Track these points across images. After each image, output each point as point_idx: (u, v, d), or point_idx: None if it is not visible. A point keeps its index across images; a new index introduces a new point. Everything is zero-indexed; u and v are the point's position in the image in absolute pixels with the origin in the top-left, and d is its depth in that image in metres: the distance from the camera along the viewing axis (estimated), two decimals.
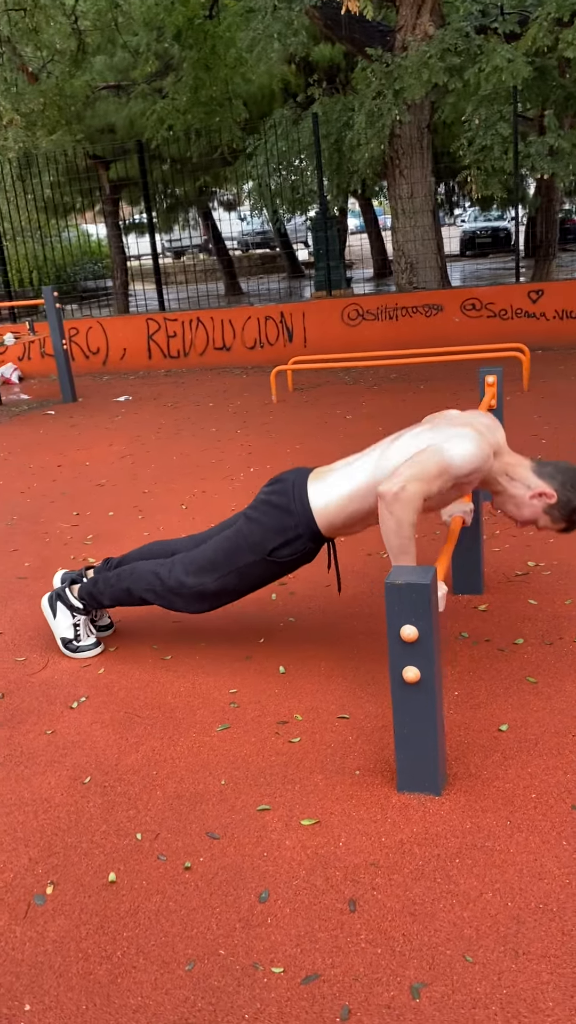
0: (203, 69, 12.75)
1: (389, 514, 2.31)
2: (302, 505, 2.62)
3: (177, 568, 2.81)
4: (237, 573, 2.72)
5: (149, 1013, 1.63)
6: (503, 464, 2.52)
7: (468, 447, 2.39)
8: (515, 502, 2.53)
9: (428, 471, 2.33)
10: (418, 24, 9.42)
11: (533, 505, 2.50)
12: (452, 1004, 1.58)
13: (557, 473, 2.49)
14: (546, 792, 2.13)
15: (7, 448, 6.59)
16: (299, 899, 1.87)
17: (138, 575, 2.88)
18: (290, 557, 2.67)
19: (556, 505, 2.48)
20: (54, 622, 3.05)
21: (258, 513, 2.69)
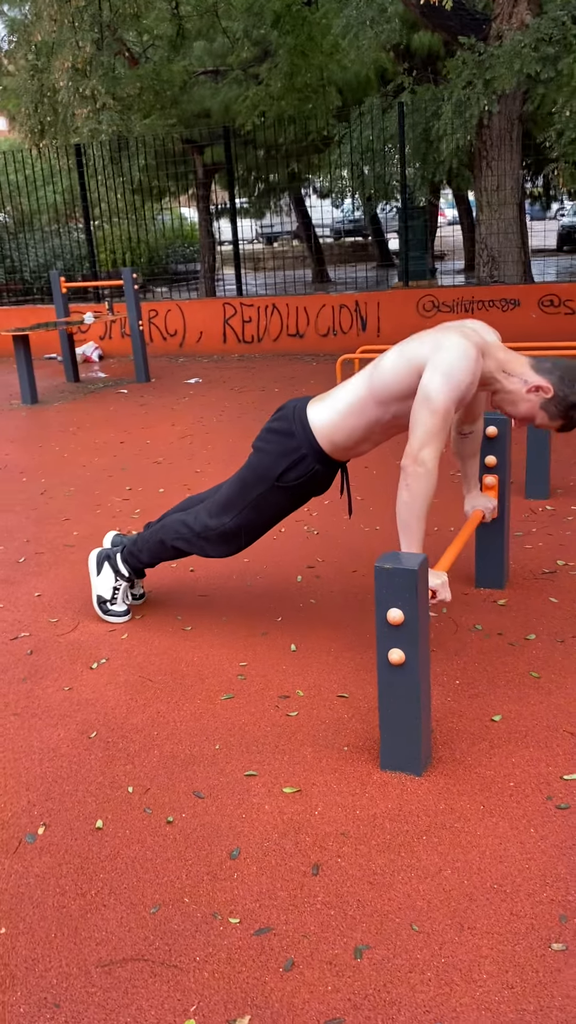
0: (299, 56, 12.81)
1: (405, 487, 2.39)
2: (303, 426, 2.67)
3: (202, 513, 2.91)
4: (253, 506, 2.79)
5: (110, 946, 1.75)
6: (498, 361, 2.52)
7: (453, 363, 2.37)
8: (511, 398, 2.53)
9: (432, 427, 2.38)
10: (514, 13, 9.27)
11: (530, 400, 2.50)
12: (390, 967, 1.66)
13: (555, 368, 2.48)
14: (524, 782, 2.17)
15: (77, 423, 6.83)
16: (267, 859, 1.96)
17: (168, 526, 3.00)
18: (298, 480, 2.71)
19: (553, 400, 2.47)
20: (96, 579, 3.19)
21: (263, 442, 2.76)
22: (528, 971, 1.63)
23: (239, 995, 1.62)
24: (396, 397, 2.51)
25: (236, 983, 1.65)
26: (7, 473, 5.41)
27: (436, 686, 2.63)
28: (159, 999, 1.63)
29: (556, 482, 4.49)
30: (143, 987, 1.65)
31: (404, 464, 2.42)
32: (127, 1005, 1.62)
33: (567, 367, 2.48)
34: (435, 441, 2.37)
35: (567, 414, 2.48)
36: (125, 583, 3.18)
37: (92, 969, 1.70)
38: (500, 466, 3.09)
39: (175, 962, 1.71)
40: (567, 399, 2.46)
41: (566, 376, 2.45)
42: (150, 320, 10.10)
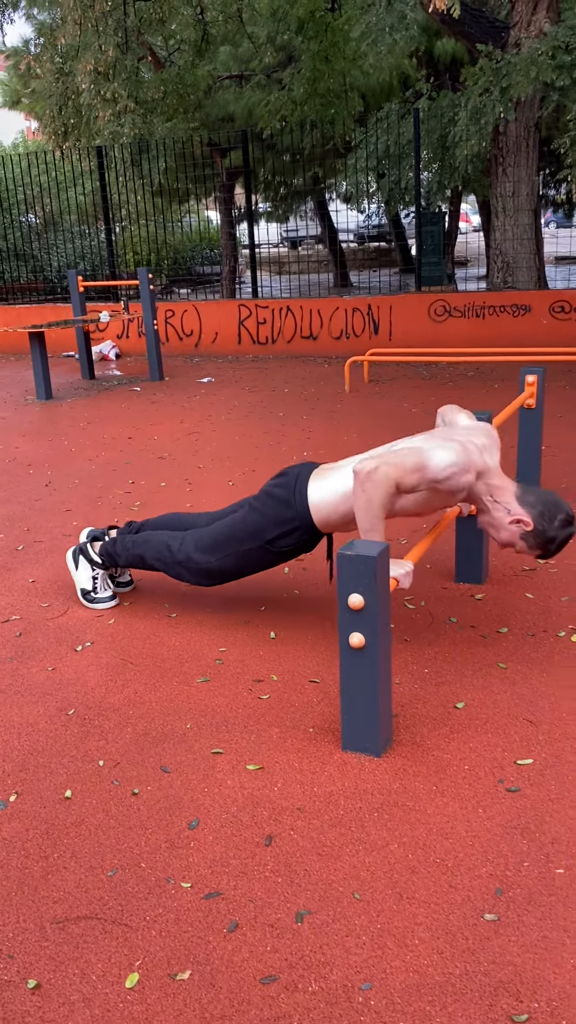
0: (322, 61, 12.92)
1: (361, 491, 2.46)
2: (301, 500, 2.79)
3: (188, 543, 3.02)
4: (237, 556, 2.93)
5: (66, 905, 1.85)
6: (488, 486, 2.61)
7: (448, 456, 2.51)
8: (495, 524, 2.62)
9: (403, 462, 2.48)
10: (533, 21, 9.32)
11: (511, 530, 2.58)
12: (328, 930, 1.74)
13: (537, 503, 2.56)
14: (479, 765, 2.24)
15: (88, 419, 6.97)
16: (223, 830, 2.05)
17: (152, 544, 3.11)
18: (287, 547, 2.87)
19: (531, 533, 2.55)
20: (76, 574, 3.32)
21: (261, 504, 2.88)
22: (459, 938, 1.70)
23: (182, 952, 1.71)
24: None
25: (181, 941, 1.73)
26: (15, 465, 5.54)
27: (405, 674, 2.71)
28: (107, 954, 1.71)
29: (547, 483, 4.54)
30: (93, 942, 1.74)
31: (358, 470, 2.48)
32: (76, 958, 1.71)
33: (548, 502, 2.55)
34: (398, 472, 2.47)
35: (544, 547, 2.56)
36: (102, 571, 3.28)
37: (47, 925, 1.80)
38: None
39: (126, 921, 1.79)
40: (544, 534, 2.53)
41: (546, 512, 2.53)
42: (167, 320, 10.23)
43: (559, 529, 2.52)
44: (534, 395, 4.12)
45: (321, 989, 1.60)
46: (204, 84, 13.47)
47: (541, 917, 1.74)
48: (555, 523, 2.52)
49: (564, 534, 2.54)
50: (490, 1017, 1.53)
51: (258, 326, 9.85)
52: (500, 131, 9.47)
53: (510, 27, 9.53)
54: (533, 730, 2.38)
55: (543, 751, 2.29)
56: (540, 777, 2.18)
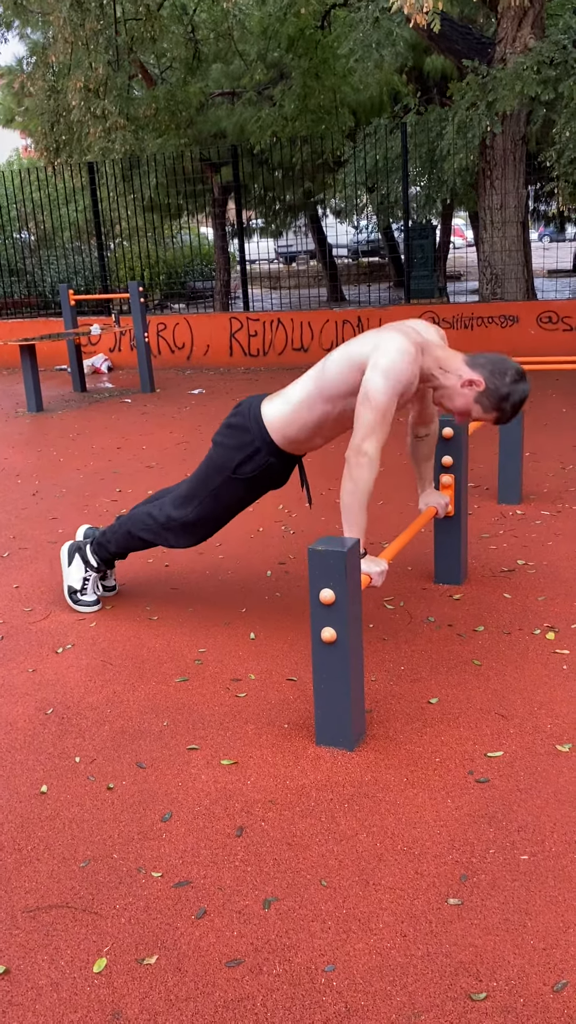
0: (313, 78, 13.07)
1: (348, 476, 2.51)
2: (257, 421, 2.81)
3: (166, 505, 3.05)
4: (212, 497, 2.92)
5: (38, 895, 1.87)
6: (436, 358, 2.63)
7: (391, 360, 2.49)
8: (448, 393, 2.65)
9: (373, 422, 2.51)
10: (518, 37, 9.45)
11: (464, 394, 2.61)
12: (295, 916, 1.76)
13: (487, 363, 2.60)
14: (449, 758, 2.27)
15: (77, 430, 7.01)
16: (196, 822, 2.08)
17: (135, 517, 3.14)
18: (253, 472, 2.85)
19: (485, 392, 2.59)
20: (67, 570, 3.33)
21: (220, 436, 2.90)
22: (422, 922, 1.73)
23: (151, 938, 1.73)
24: (342, 394, 2.64)
25: (149, 928, 1.76)
26: (3, 475, 5.58)
27: (381, 671, 2.74)
28: (76, 940, 1.74)
29: (529, 488, 4.59)
30: (63, 930, 1.77)
31: (348, 456, 2.54)
32: (45, 945, 1.73)
33: (497, 360, 2.59)
34: (376, 434, 2.50)
35: (499, 406, 2.60)
36: (95, 573, 3.31)
37: (18, 914, 1.82)
38: (456, 466, 3.20)
39: (96, 909, 1.82)
40: (498, 391, 2.57)
41: (496, 369, 2.57)
42: (159, 333, 10.30)
43: (512, 384, 2.56)
44: None
45: (285, 971, 1.63)
46: (196, 101, 13.61)
47: (504, 901, 1.77)
48: (506, 378, 2.56)
49: (518, 390, 2.57)
50: (449, 996, 1.55)
51: (249, 338, 9.93)
52: (487, 144, 9.58)
53: (496, 43, 9.65)
54: (504, 724, 2.41)
55: (513, 743, 2.32)
56: (510, 768, 2.21)
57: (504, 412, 2.61)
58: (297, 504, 4.57)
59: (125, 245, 15.46)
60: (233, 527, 4.26)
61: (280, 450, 2.81)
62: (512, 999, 1.54)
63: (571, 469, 4.96)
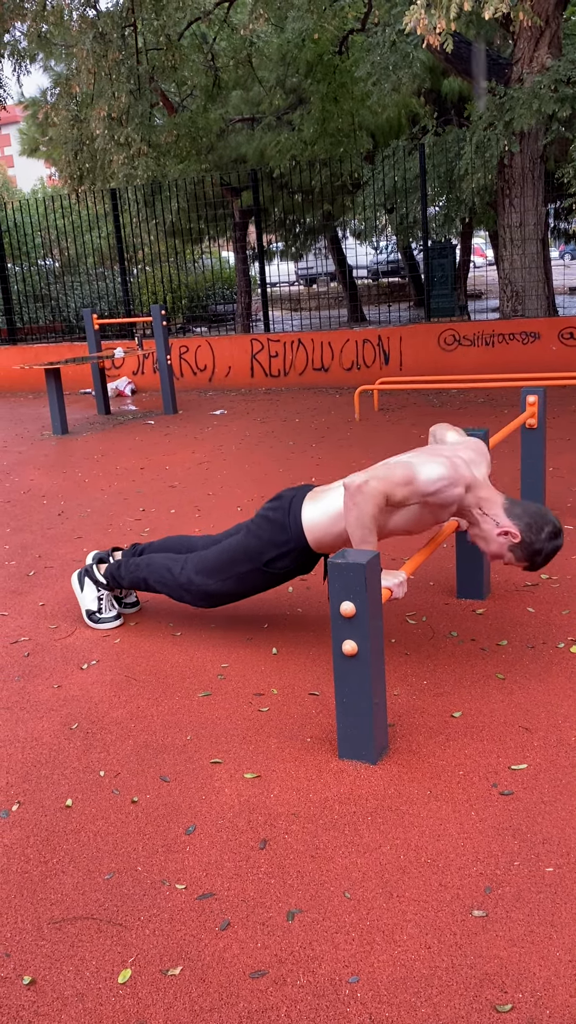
0: (331, 102, 13.23)
1: (352, 504, 2.51)
2: (295, 523, 2.85)
3: (188, 567, 3.09)
4: (236, 579, 2.99)
5: (63, 907, 1.88)
6: (477, 498, 2.65)
7: (436, 470, 2.57)
8: (484, 536, 2.67)
9: (393, 476, 2.53)
10: (535, 56, 9.51)
11: (499, 542, 2.62)
12: (318, 928, 1.76)
13: (524, 515, 2.60)
14: (473, 771, 2.26)
15: (102, 451, 7.09)
16: (219, 835, 2.08)
17: (154, 567, 3.18)
18: (283, 569, 2.93)
19: (519, 544, 2.59)
20: (81, 595, 3.38)
21: (257, 527, 2.95)
22: (447, 934, 1.72)
23: (175, 949, 1.74)
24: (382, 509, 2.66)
25: (173, 939, 1.77)
26: (30, 496, 5.65)
27: (403, 686, 2.74)
28: (101, 951, 1.75)
29: (552, 503, 4.57)
30: (88, 941, 1.78)
31: (348, 484, 2.53)
32: (71, 956, 1.74)
33: (535, 515, 2.59)
34: (388, 485, 2.52)
35: (531, 559, 2.61)
36: (107, 592, 3.35)
37: (44, 925, 1.83)
38: None
39: (120, 921, 1.83)
40: (532, 546, 2.58)
41: (533, 524, 2.57)
42: (181, 356, 10.40)
43: (546, 541, 2.56)
44: (535, 415, 4.17)
45: (309, 983, 1.63)
46: (216, 127, 13.81)
47: (529, 913, 1.76)
48: (542, 535, 2.56)
49: (551, 546, 2.57)
50: (474, 1007, 1.54)
51: (270, 359, 10.00)
52: (506, 163, 9.63)
53: (513, 63, 9.73)
54: (528, 737, 2.40)
55: (538, 756, 2.30)
56: (534, 781, 2.20)
57: (535, 564, 2.62)
58: None
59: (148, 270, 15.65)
60: None
61: (313, 552, 2.88)
62: (538, 1011, 1.52)
63: None
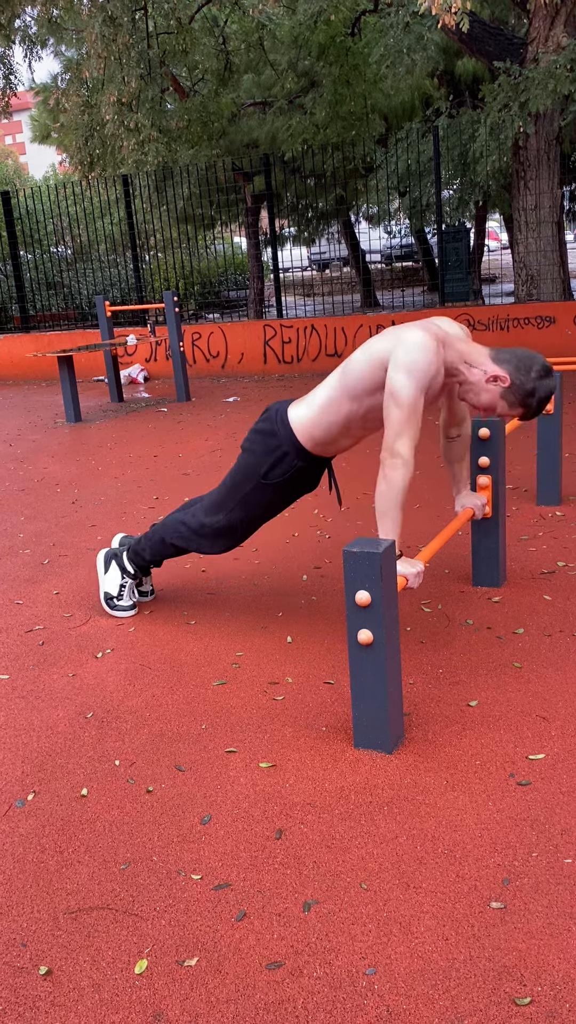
0: (343, 85, 13.11)
1: (383, 477, 2.51)
2: (284, 425, 2.81)
3: (198, 512, 3.06)
4: (242, 504, 2.93)
5: (79, 896, 1.88)
6: (459, 352, 2.61)
7: (413, 356, 2.48)
8: (474, 388, 2.62)
9: (402, 419, 2.49)
10: (551, 36, 9.37)
11: (489, 389, 2.59)
12: (335, 919, 1.75)
13: (512, 358, 2.57)
14: (490, 760, 2.24)
15: (115, 439, 7.08)
16: (235, 824, 2.07)
17: (168, 525, 3.16)
18: (282, 477, 2.85)
19: (510, 388, 2.55)
20: (104, 576, 3.36)
21: (249, 443, 2.90)
22: (464, 925, 1.71)
23: (191, 940, 1.73)
24: (366, 392, 2.64)
25: (190, 930, 1.76)
26: (43, 485, 5.65)
27: (419, 675, 2.72)
28: (117, 942, 1.75)
29: (569, 490, 4.53)
30: (104, 931, 1.78)
31: (382, 457, 2.53)
32: (87, 947, 1.74)
33: (522, 356, 2.56)
34: (407, 432, 2.48)
35: (525, 402, 2.57)
36: (131, 580, 3.33)
37: (60, 915, 1.83)
38: (493, 467, 3.17)
39: (136, 911, 1.82)
40: (523, 387, 2.54)
41: (521, 365, 2.54)
42: (194, 342, 10.37)
43: (537, 380, 2.52)
44: (552, 400, 4.12)
45: (326, 974, 1.62)
46: (228, 112, 13.71)
47: (548, 905, 1.74)
48: (532, 374, 2.52)
49: (543, 386, 2.53)
50: (493, 1000, 1.53)
51: (283, 345, 9.95)
52: (521, 145, 9.51)
53: (528, 43, 9.59)
54: (546, 726, 2.38)
55: (556, 746, 2.28)
56: (552, 771, 2.18)
57: (530, 408, 2.58)
58: (332, 509, 4.56)
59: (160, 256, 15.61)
60: (269, 532, 4.27)
61: (308, 453, 2.81)
62: (557, 1004, 1.51)
63: None
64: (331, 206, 16.76)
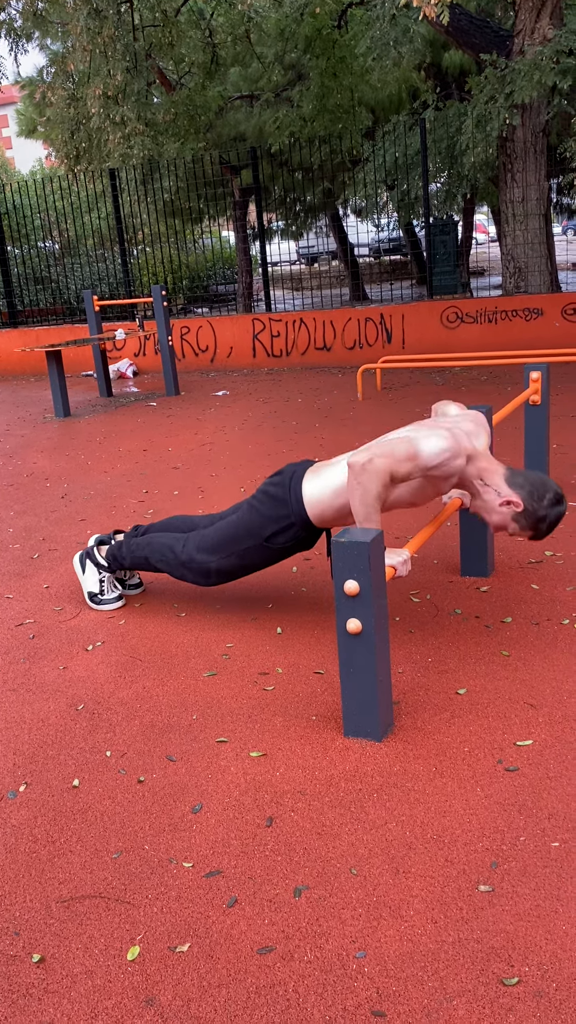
0: (330, 78, 13.09)
1: (356, 483, 2.50)
2: (296, 498, 2.85)
3: (190, 545, 3.09)
4: (238, 555, 2.99)
5: (71, 885, 1.89)
6: (478, 469, 2.64)
7: (438, 443, 2.56)
8: (486, 507, 2.66)
9: (396, 452, 2.52)
10: (537, 28, 9.38)
11: (502, 512, 2.61)
12: (325, 904, 1.77)
13: (526, 483, 2.59)
14: (479, 747, 2.26)
15: (104, 433, 7.07)
16: (226, 813, 2.09)
17: (155, 547, 3.17)
18: (284, 544, 2.92)
19: (522, 513, 2.58)
20: (83, 577, 3.38)
21: (258, 503, 2.94)
22: (453, 909, 1.73)
23: (183, 927, 1.75)
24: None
25: (181, 917, 1.78)
26: (32, 479, 5.64)
27: (408, 663, 2.74)
28: (109, 929, 1.76)
29: (556, 480, 4.55)
30: (96, 919, 1.79)
31: (352, 463, 2.52)
32: (79, 934, 1.75)
33: (536, 482, 2.57)
34: (391, 462, 2.49)
35: (535, 527, 2.59)
36: (108, 574, 3.35)
37: (52, 904, 1.84)
38: None
39: (128, 899, 1.84)
40: (535, 513, 2.56)
41: (535, 492, 2.55)
42: (182, 337, 10.36)
43: (549, 508, 2.55)
44: (539, 391, 4.15)
45: (316, 958, 1.64)
46: (215, 105, 13.68)
47: (535, 888, 1.76)
48: (544, 502, 2.54)
49: (554, 513, 2.56)
50: (481, 981, 1.55)
51: (272, 339, 9.95)
52: (507, 138, 9.53)
53: (514, 35, 9.60)
54: (534, 713, 2.40)
55: (543, 732, 2.31)
56: (540, 757, 2.20)
57: (539, 532, 2.60)
58: None
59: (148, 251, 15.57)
60: None
61: (314, 526, 2.87)
62: (545, 984, 1.53)
63: None
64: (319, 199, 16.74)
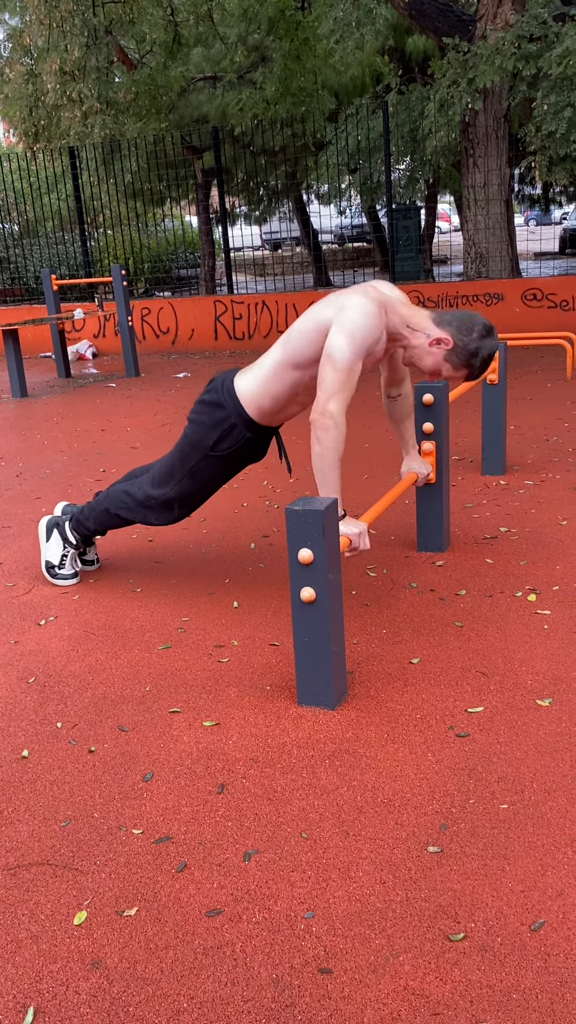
0: (293, 60, 12.99)
1: (316, 440, 2.50)
2: (230, 397, 2.78)
3: (144, 484, 3.03)
4: (190, 475, 2.90)
5: (18, 854, 1.87)
6: (401, 316, 2.62)
7: (354, 320, 2.48)
8: (418, 353, 2.64)
9: (337, 382, 2.49)
10: (499, 13, 9.40)
11: (433, 353, 2.61)
12: (274, 867, 1.77)
13: (454, 320, 2.59)
14: (430, 715, 2.27)
15: (61, 414, 6.98)
16: (177, 781, 2.08)
17: (113, 496, 3.12)
18: (230, 449, 2.82)
19: (453, 350, 2.58)
20: (45, 545, 3.32)
21: (195, 414, 2.87)
22: (402, 869, 1.73)
23: (131, 891, 1.74)
24: (310, 359, 2.63)
25: (130, 882, 1.76)
26: None
27: (362, 635, 2.74)
28: (56, 896, 1.74)
29: (513, 460, 4.59)
30: (43, 886, 1.77)
31: (313, 418, 2.51)
32: (26, 901, 1.73)
33: (463, 317, 2.58)
34: (340, 395, 2.48)
35: (468, 363, 2.59)
36: (73, 550, 3.30)
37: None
38: (437, 432, 3.19)
39: (76, 866, 1.82)
40: (466, 348, 2.57)
41: (463, 326, 2.56)
42: (143, 318, 10.26)
43: (480, 340, 2.55)
44: (496, 370, 4.17)
45: (264, 919, 1.63)
46: (177, 85, 13.51)
47: (483, 848, 1.78)
48: (474, 335, 2.55)
49: (486, 345, 2.56)
50: (428, 937, 1.56)
51: (234, 321, 9.89)
52: (470, 123, 9.55)
53: (477, 20, 9.61)
54: (485, 681, 2.42)
55: (494, 699, 2.32)
56: (490, 723, 2.22)
57: (474, 368, 2.60)
58: (281, 480, 4.57)
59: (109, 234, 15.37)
60: (217, 502, 4.26)
61: (256, 423, 2.80)
62: (490, 938, 1.54)
63: (555, 441, 4.97)
64: (282, 184, 16.65)
